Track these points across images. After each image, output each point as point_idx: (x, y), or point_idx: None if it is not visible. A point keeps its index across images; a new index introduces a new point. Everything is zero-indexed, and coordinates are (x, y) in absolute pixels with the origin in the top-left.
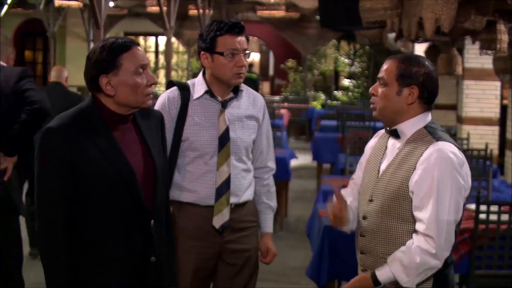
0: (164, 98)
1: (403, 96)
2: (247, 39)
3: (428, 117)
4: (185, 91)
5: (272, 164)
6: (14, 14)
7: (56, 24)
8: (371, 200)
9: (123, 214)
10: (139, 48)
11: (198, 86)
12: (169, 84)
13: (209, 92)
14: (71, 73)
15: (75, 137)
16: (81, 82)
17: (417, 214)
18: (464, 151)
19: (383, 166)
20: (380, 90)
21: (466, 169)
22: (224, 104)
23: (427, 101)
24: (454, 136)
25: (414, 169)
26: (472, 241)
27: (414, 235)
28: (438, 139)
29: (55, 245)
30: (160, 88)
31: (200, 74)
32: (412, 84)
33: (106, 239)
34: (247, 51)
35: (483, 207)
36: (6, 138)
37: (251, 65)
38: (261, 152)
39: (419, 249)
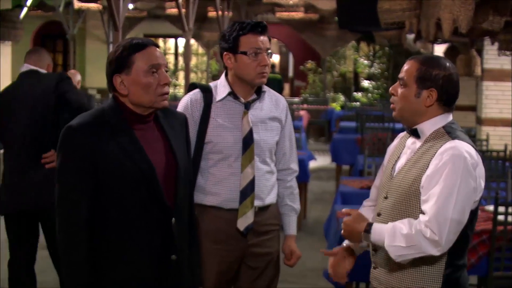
0: (187, 101)
1: (421, 98)
2: (269, 39)
3: (448, 118)
4: (207, 93)
5: (295, 166)
6: (34, 17)
7: (76, 26)
8: (386, 197)
9: (144, 211)
10: (156, 48)
11: (221, 87)
12: (191, 86)
13: (232, 94)
14: (90, 75)
15: (95, 135)
16: (101, 84)
17: (423, 207)
18: (483, 152)
19: (399, 164)
20: (399, 90)
21: (480, 172)
22: (247, 106)
23: (446, 103)
24: (473, 137)
25: (428, 166)
26: (490, 242)
27: (418, 220)
28: (454, 137)
29: (75, 242)
30: (180, 90)
31: (223, 76)
32: (431, 86)
33: (126, 236)
34: (269, 51)
35: (501, 209)
36: (56, 138)
37: (273, 66)
38: (284, 154)
39: (421, 233)
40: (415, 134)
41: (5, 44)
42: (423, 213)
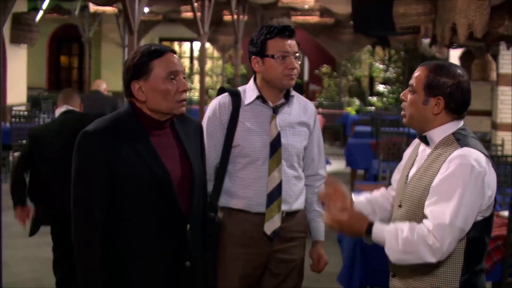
0: (215, 104)
1: (429, 106)
2: (298, 44)
3: (458, 125)
4: (236, 97)
5: (323, 172)
6: (49, 20)
7: (92, 30)
8: (400, 206)
9: (158, 218)
10: (173, 55)
11: (249, 91)
12: (221, 90)
13: (260, 98)
14: (106, 78)
15: (111, 140)
16: (116, 87)
17: (426, 211)
18: (498, 157)
19: (412, 172)
20: (409, 96)
21: (489, 180)
22: (276, 110)
23: (455, 111)
24: (488, 142)
25: (437, 174)
26: (505, 248)
27: (422, 225)
28: (463, 145)
29: (91, 246)
30: (195, 94)
31: (251, 80)
32: (439, 95)
33: (141, 242)
34: (297, 54)
35: None
36: None
37: None
38: (313, 160)
39: (423, 239)
40: (425, 141)
41: (21, 47)
42: (426, 218)
